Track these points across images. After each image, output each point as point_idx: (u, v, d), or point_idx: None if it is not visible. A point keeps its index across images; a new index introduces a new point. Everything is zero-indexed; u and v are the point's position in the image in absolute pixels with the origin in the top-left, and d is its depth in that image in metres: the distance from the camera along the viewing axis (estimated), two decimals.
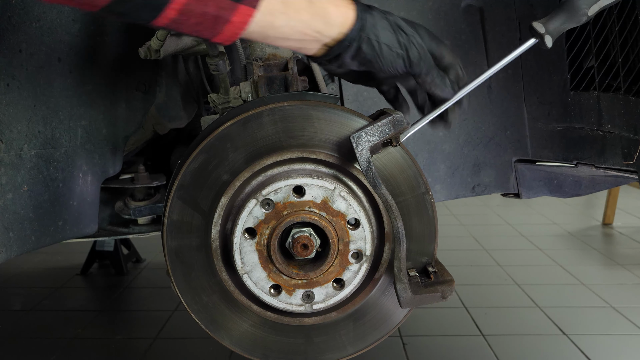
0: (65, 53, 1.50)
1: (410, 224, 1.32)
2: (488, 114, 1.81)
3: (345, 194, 1.24)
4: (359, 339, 1.37)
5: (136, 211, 1.76)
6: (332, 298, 1.29)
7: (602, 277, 3.48)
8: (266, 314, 1.33)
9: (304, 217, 1.24)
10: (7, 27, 1.39)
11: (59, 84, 1.50)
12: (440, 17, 1.75)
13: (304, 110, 1.29)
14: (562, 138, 1.74)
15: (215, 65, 1.35)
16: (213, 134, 1.28)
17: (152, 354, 2.52)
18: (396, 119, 1.23)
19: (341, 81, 1.75)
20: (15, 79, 1.43)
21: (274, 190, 1.24)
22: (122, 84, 1.62)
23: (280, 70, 1.46)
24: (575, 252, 4.00)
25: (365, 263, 1.28)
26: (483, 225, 4.67)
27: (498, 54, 1.78)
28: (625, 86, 1.51)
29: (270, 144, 1.29)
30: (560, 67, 1.70)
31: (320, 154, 1.28)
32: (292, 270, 1.27)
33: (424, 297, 1.26)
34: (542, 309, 2.95)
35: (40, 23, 1.44)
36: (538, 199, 2.26)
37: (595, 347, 2.54)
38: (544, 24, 1.28)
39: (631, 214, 4.98)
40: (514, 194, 1.87)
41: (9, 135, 1.43)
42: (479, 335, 2.66)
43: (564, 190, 1.85)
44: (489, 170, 1.83)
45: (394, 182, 1.31)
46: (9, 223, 1.40)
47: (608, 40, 1.58)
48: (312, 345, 1.36)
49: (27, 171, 1.46)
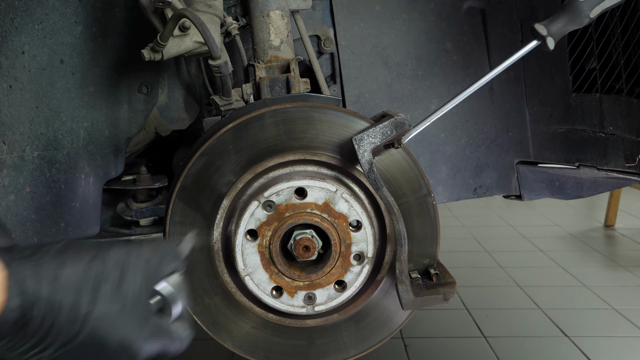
0: (68, 55, 1.50)
1: (412, 225, 1.32)
2: (490, 116, 1.81)
3: (347, 196, 1.24)
4: (360, 341, 1.37)
5: (138, 213, 1.76)
6: (334, 300, 1.29)
7: (604, 278, 3.47)
8: (268, 316, 1.33)
9: (306, 219, 1.24)
10: (9, 29, 1.39)
11: (61, 85, 1.50)
12: (442, 18, 1.76)
13: (305, 112, 1.29)
14: (564, 140, 1.74)
15: (217, 67, 1.35)
16: (215, 136, 1.28)
17: None
18: (398, 121, 1.23)
19: (343, 83, 1.75)
20: (18, 80, 1.43)
21: (276, 192, 1.24)
22: (124, 85, 1.62)
23: (282, 72, 1.46)
24: (577, 253, 3.99)
25: (367, 265, 1.28)
26: (485, 227, 4.66)
27: (500, 55, 1.78)
28: (628, 88, 1.51)
29: (272, 145, 1.29)
30: (562, 69, 1.70)
31: (322, 156, 1.28)
32: (294, 272, 1.27)
33: (425, 299, 1.27)
34: (543, 311, 2.94)
35: (43, 25, 1.45)
36: (540, 201, 2.26)
37: (597, 349, 2.54)
38: (546, 26, 1.28)
39: (633, 215, 4.97)
40: (516, 196, 1.87)
41: (12, 137, 1.43)
42: (481, 337, 2.65)
43: (566, 192, 1.85)
44: (490, 172, 1.83)
45: (396, 184, 1.31)
46: (12, 225, 1.40)
47: (610, 42, 1.58)
48: (314, 347, 1.36)
49: (30, 173, 1.46)
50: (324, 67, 1.79)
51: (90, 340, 0.80)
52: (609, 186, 1.84)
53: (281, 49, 1.47)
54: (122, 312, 0.82)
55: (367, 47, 1.75)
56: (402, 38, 1.76)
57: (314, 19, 1.75)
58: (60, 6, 1.47)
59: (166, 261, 0.89)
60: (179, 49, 1.40)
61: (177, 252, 0.92)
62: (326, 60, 1.79)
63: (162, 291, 0.89)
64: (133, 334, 0.83)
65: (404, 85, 1.77)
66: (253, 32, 1.49)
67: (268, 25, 1.46)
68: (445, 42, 1.77)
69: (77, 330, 0.79)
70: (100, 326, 0.80)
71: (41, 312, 0.77)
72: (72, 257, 0.82)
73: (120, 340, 0.82)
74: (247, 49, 1.62)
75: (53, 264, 0.80)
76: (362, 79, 1.76)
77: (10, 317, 0.76)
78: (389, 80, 1.76)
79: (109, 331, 0.81)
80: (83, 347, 0.80)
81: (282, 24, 1.47)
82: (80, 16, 1.50)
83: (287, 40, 1.49)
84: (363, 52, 1.75)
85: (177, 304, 0.90)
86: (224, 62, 1.35)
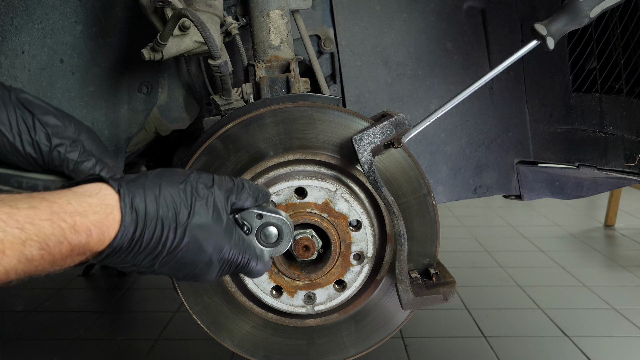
0: (68, 54, 1.50)
1: (412, 225, 1.32)
2: (490, 116, 1.81)
3: (347, 196, 1.24)
4: (361, 341, 1.37)
5: None
6: (333, 299, 1.29)
7: (604, 278, 3.47)
8: (268, 316, 1.33)
9: (305, 219, 1.24)
10: (9, 28, 1.40)
11: (61, 85, 1.50)
12: (443, 18, 1.75)
13: (305, 111, 1.29)
14: (564, 140, 1.74)
15: (217, 66, 1.35)
16: (214, 135, 1.28)
17: (154, 355, 2.52)
18: (398, 121, 1.23)
19: (343, 82, 1.75)
20: (18, 80, 1.43)
21: (276, 191, 1.24)
22: (125, 85, 1.62)
23: (283, 71, 1.46)
24: (577, 253, 3.99)
25: (367, 264, 1.28)
26: (485, 227, 4.66)
27: (500, 55, 1.78)
28: (627, 88, 1.51)
29: (272, 145, 1.29)
30: (562, 68, 1.70)
31: (322, 156, 1.28)
32: (293, 272, 1.27)
33: (425, 299, 1.27)
34: (543, 311, 2.94)
35: (43, 24, 1.45)
36: (540, 201, 2.26)
37: (597, 349, 2.53)
38: (546, 25, 1.28)
39: (633, 215, 4.97)
40: (516, 196, 1.87)
41: None
42: (481, 337, 2.65)
43: (566, 192, 1.85)
44: (490, 171, 1.83)
45: (395, 183, 1.31)
46: None
47: (610, 42, 1.58)
48: (314, 346, 1.36)
49: None
50: (324, 67, 1.79)
51: (190, 246, 0.96)
52: (609, 186, 1.84)
53: (281, 49, 1.48)
54: (214, 222, 0.98)
55: (367, 46, 1.75)
56: (403, 38, 1.76)
57: (314, 19, 1.75)
58: (60, 6, 1.47)
59: (244, 190, 1.07)
60: (178, 49, 1.40)
61: (255, 187, 1.10)
62: (326, 60, 1.79)
63: (245, 214, 1.08)
64: (223, 240, 1.00)
65: (404, 85, 1.77)
66: (253, 31, 1.49)
67: (268, 24, 1.46)
68: (445, 42, 1.77)
69: (181, 237, 0.95)
70: (197, 234, 0.96)
71: (152, 224, 0.91)
72: (168, 180, 0.97)
73: (213, 244, 0.98)
74: (247, 49, 1.62)
75: (154, 185, 0.94)
76: (362, 78, 1.76)
77: (129, 231, 0.90)
78: (389, 80, 1.76)
79: (204, 237, 0.97)
80: (184, 252, 0.96)
81: (282, 24, 1.47)
82: (80, 16, 1.50)
83: (287, 40, 1.49)
84: (363, 51, 1.75)
85: (263, 225, 1.09)
86: (223, 62, 1.35)
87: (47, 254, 0.81)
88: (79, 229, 0.85)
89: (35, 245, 0.80)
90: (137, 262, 0.93)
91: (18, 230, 0.78)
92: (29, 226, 0.79)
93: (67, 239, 0.83)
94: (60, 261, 0.84)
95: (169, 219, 0.93)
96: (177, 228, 0.94)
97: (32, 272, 0.82)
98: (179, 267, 0.98)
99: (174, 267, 0.97)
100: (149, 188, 0.94)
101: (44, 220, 0.81)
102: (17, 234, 0.78)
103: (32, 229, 0.80)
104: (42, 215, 0.81)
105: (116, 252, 0.90)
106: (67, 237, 0.83)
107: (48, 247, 0.81)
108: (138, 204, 0.91)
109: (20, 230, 0.78)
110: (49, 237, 0.81)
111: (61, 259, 0.84)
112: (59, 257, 0.83)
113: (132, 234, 0.90)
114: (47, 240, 0.81)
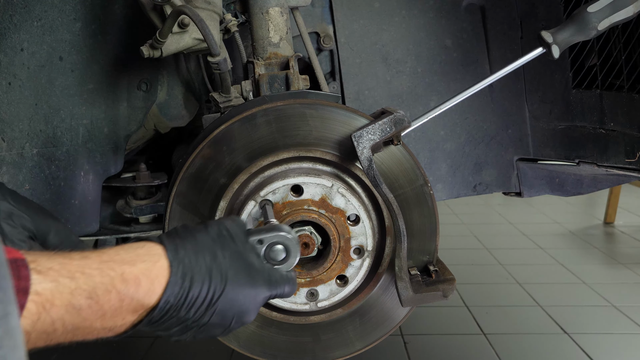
0: (67, 52, 1.50)
1: (410, 217, 1.32)
2: (490, 113, 1.81)
3: (343, 190, 1.24)
4: (366, 334, 1.37)
5: (138, 210, 1.76)
6: (336, 295, 1.29)
7: (603, 276, 3.47)
8: (272, 315, 1.33)
9: (303, 216, 1.24)
10: (8, 26, 1.39)
11: (60, 82, 1.50)
12: (442, 15, 1.75)
13: (297, 109, 1.28)
14: (564, 136, 1.74)
15: (216, 64, 1.35)
16: (208, 137, 1.28)
17: (153, 353, 2.52)
18: (397, 118, 1.23)
19: (342, 79, 1.75)
20: (17, 77, 1.43)
21: (272, 190, 1.24)
22: (124, 83, 1.61)
23: (282, 68, 1.45)
24: (577, 251, 3.99)
25: (368, 258, 1.27)
26: (484, 224, 4.66)
27: (499, 52, 1.78)
28: (629, 84, 1.51)
29: (265, 144, 1.28)
30: (562, 65, 1.70)
31: (316, 152, 1.28)
32: (294, 270, 1.26)
33: (425, 296, 1.26)
34: (543, 308, 2.94)
35: (42, 22, 1.44)
36: (539, 198, 2.26)
37: (597, 346, 2.54)
38: (553, 34, 1.27)
39: (633, 212, 4.97)
40: (516, 193, 1.87)
41: (11, 134, 1.43)
42: (480, 334, 2.65)
43: (566, 189, 1.85)
44: (490, 169, 1.83)
45: (391, 175, 1.30)
46: None
47: (610, 39, 1.58)
48: (320, 342, 1.36)
49: (29, 170, 1.46)
50: (324, 64, 1.79)
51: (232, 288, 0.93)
52: (609, 183, 1.83)
53: (280, 46, 1.47)
54: (246, 266, 0.96)
55: (366, 44, 1.75)
56: (402, 35, 1.75)
57: (314, 16, 1.74)
58: (60, 3, 1.47)
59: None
60: (178, 46, 1.40)
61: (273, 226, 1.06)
62: (325, 57, 1.79)
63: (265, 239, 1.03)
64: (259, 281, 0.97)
65: (404, 82, 1.77)
66: (252, 29, 1.49)
67: (267, 22, 1.46)
68: (444, 39, 1.77)
69: (224, 286, 0.91)
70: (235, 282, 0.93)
71: (199, 272, 0.89)
72: (200, 232, 0.95)
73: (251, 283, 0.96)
74: (247, 46, 1.62)
75: (190, 236, 0.94)
76: (362, 75, 1.75)
77: (177, 277, 0.87)
78: (388, 77, 1.76)
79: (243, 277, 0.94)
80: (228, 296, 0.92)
81: (281, 21, 1.47)
82: (80, 13, 1.50)
83: (287, 37, 1.48)
84: (362, 49, 1.75)
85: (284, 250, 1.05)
86: (223, 59, 1.35)
87: (94, 304, 0.79)
88: (127, 277, 0.82)
89: (83, 294, 0.78)
90: (188, 317, 0.89)
91: (68, 280, 0.77)
92: (79, 275, 0.78)
93: (116, 288, 0.81)
94: (110, 315, 0.82)
95: (212, 267, 0.91)
96: (221, 277, 0.92)
97: (78, 324, 0.79)
98: (224, 315, 0.93)
99: (219, 314, 0.93)
100: (186, 239, 0.93)
101: (93, 269, 0.80)
102: (67, 283, 0.77)
103: (81, 278, 0.78)
104: (92, 264, 0.80)
105: (168, 305, 0.86)
106: (116, 286, 0.81)
107: (96, 295, 0.79)
108: (183, 256, 0.89)
109: (71, 279, 0.77)
110: (97, 286, 0.79)
111: (110, 311, 0.81)
112: (108, 308, 0.81)
113: (182, 283, 0.87)
114: (96, 289, 0.79)
